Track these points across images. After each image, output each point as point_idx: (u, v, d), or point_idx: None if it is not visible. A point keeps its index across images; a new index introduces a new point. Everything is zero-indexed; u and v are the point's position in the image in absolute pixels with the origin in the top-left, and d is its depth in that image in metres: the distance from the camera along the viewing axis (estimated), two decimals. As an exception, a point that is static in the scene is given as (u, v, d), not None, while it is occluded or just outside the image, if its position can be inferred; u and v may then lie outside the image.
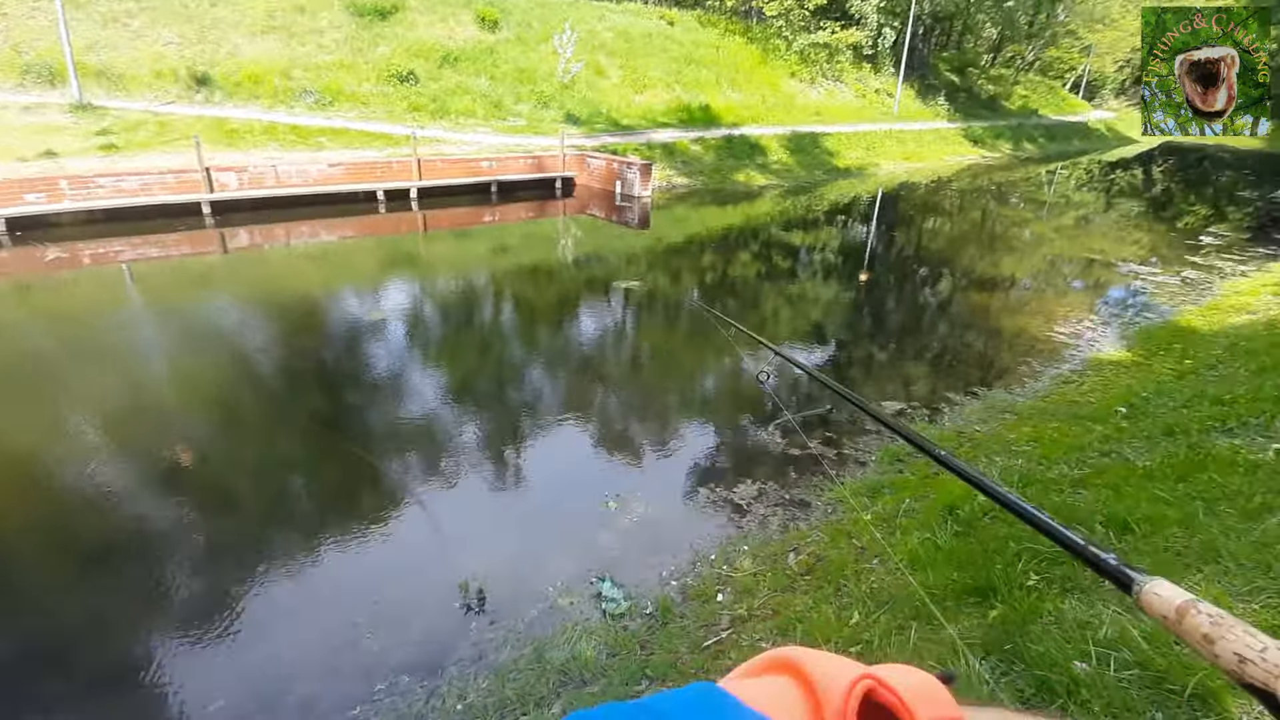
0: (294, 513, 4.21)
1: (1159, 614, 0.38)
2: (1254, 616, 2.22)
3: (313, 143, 14.04)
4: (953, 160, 25.50)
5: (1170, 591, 0.38)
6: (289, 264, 9.94)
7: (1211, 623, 0.34)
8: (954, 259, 11.98)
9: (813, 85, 25.68)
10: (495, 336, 7.32)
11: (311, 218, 11.95)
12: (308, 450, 4.87)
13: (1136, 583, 0.40)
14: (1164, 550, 2.70)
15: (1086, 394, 5.63)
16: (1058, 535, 0.44)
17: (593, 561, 3.66)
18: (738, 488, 4.40)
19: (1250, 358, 5.42)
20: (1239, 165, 28.33)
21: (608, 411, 5.58)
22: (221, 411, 5.44)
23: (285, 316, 7.33)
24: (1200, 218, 16.16)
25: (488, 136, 16.25)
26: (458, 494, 4.33)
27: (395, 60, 17.38)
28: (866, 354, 7.28)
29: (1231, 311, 7.59)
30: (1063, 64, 42.07)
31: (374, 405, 5.58)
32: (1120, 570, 0.40)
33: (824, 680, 0.34)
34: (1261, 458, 3.39)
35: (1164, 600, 0.38)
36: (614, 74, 20.61)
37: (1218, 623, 0.34)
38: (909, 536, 3.35)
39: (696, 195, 16.21)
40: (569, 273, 10.17)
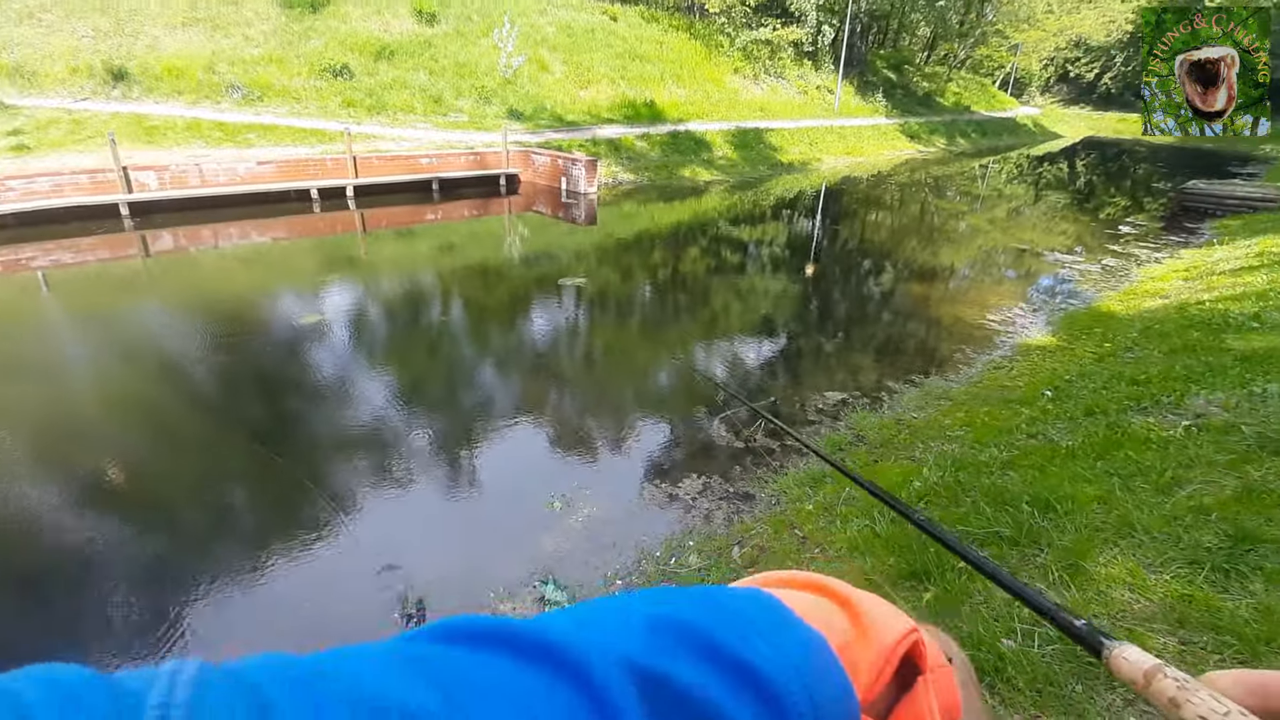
0: (217, 529, 3.99)
1: (1127, 678, 0.38)
2: (1165, 586, 2.33)
3: (240, 140, 13.42)
4: (891, 155, 26.25)
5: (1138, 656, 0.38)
6: (218, 267, 9.47)
7: (1178, 687, 0.34)
8: (895, 251, 12.32)
9: (756, 82, 26.01)
10: (436, 338, 7.13)
11: (241, 218, 11.42)
12: (233, 462, 4.64)
13: (1106, 647, 0.40)
14: (1084, 527, 2.81)
15: (1016, 378, 5.85)
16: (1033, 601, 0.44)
17: (537, 564, 3.59)
18: (683, 483, 4.40)
19: (1162, 340, 5.73)
20: (1153, 159, 30.09)
21: (551, 411, 5.50)
22: (142, 425, 5.13)
23: (213, 322, 6.97)
24: (1119, 208, 17.07)
25: (428, 132, 15.85)
26: (396, 502, 4.19)
27: (328, 54, 16.77)
28: (814, 346, 7.39)
29: (1146, 296, 8.03)
30: (992, 62, 43.78)
31: (306, 413, 5.36)
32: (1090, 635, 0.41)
33: (875, 618, 0.36)
34: (1172, 434, 3.58)
35: (1132, 665, 0.38)
36: (557, 69, 20.40)
37: (1183, 687, 0.34)
38: (848, 525, 3.40)
39: (643, 191, 16.20)
40: (514, 271, 10.01)
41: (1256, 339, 5.09)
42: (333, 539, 3.79)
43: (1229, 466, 3.10)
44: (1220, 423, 3.59)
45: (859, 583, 1.72)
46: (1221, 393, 3.99)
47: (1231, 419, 3.60)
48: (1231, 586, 2.25)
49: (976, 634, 2.22)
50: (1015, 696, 1.95)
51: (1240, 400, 3.82)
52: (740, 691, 0.30)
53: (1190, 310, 6.59)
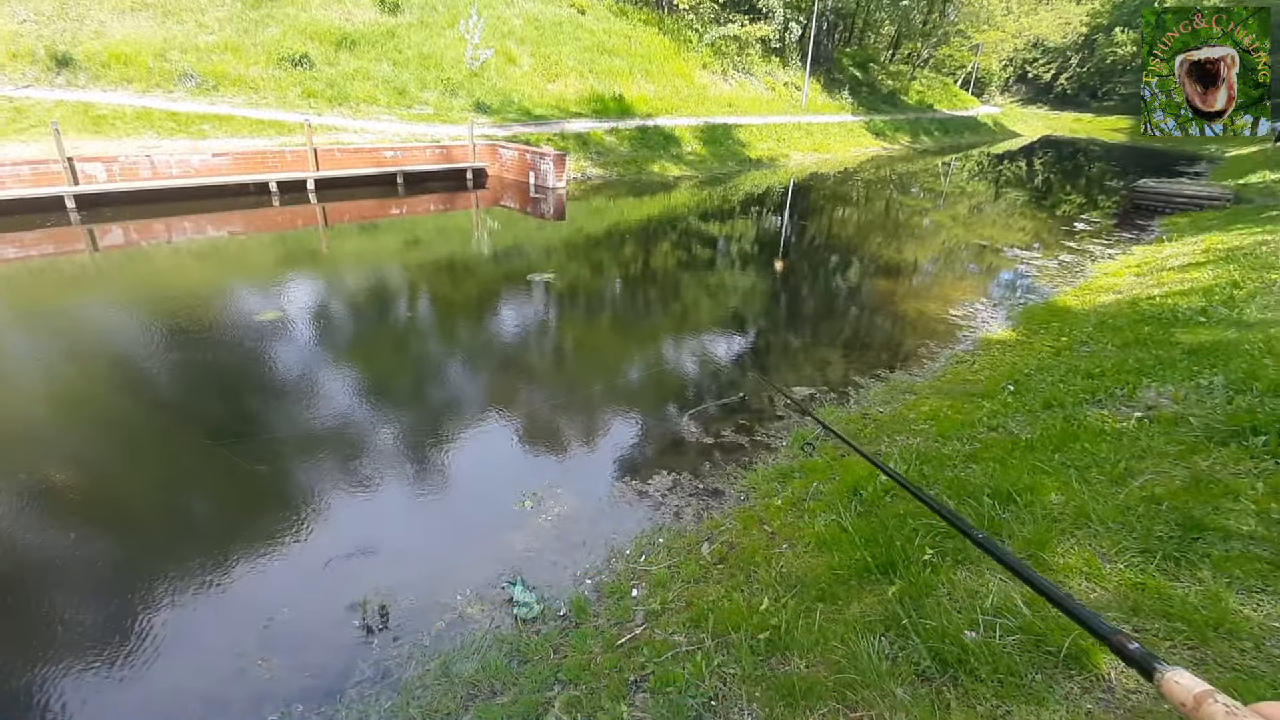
0: (174, 533, 3.84)
1: (1178, 700, 0.38)
2: (1120, 575, 2.40)
3: (194, 131, 12.95)
4: (857, 151, 26.61)
5: (1189, 681, 0.39)
6: (171, 262, 9.13)
7: (1227, 713, 0.35)
8: (862, 247, 12.49)
9: (725, 77, 26.08)
10: (402, 335, 6.99)
11: (196, 212, 11.03)
12: (189, 463, 4.47)
13: (1158, 671, 0.40)
14: (1043, 518, 2.87)
15: (978, 372, 5.98)
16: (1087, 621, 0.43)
17: (505, 565, 3.55)
18: (653, 480, 4.39)
19: (1116, 334, 5.91)
20: (1107, 158, 31.07)
21: (520, 409, 5.43)
22: (92, 425, 4.91)
23: (166, 319, 6.71)
24: (1075, 205, 17.60)
25: (392, 125, 15.52)
26: (360, 502, 4.09)
27: (287, 42, 16.27)
28: (782, 341, 7.45)
29: (1101, 291, 8.29)
30: (954, 61, 44.70)
31: (265, 412, 5.20)
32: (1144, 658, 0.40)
33: None
34: (1125, 426, 3.69)
35: (1183, 688, 0.38)
36: (525, 62, 20.15)
37: (1232, 713, 0.35)
38: (816, 519, 3.43)
39: (612, 186, 16.13)
40: (482, 266, 9.87)
41: (1203, 333, 5.28)
42: (292, 540, 3.69)
43: (1178, 457, 3.20)
44: (1170, 414, 3.72)
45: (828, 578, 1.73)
46: (1171, 385, 4.13)
47: (1180, 410, 3.73)
48: (1182, 574, 2.32)
49: (940, 626, 2.25)
50: (978, 688, 1.98)
51: (1188, 392, 3.96)
52: None
53: (1142, 305, 6.81)
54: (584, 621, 3.10)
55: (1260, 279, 6.74)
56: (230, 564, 3.51)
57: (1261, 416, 3.31)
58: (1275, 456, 3.00)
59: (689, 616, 2.90)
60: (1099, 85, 55.76)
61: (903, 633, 2.35)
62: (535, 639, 2.99)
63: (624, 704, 2.44)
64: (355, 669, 2.88)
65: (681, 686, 2.43)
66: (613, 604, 3.20)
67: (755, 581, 3.06)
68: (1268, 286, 6.43)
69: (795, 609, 2.70)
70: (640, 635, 2.90)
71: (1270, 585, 2.20)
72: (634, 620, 3.03)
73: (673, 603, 3.11)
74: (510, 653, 2.91)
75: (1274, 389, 3.69)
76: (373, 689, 2.78)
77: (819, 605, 2.71)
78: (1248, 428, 3.25)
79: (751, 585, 3.04)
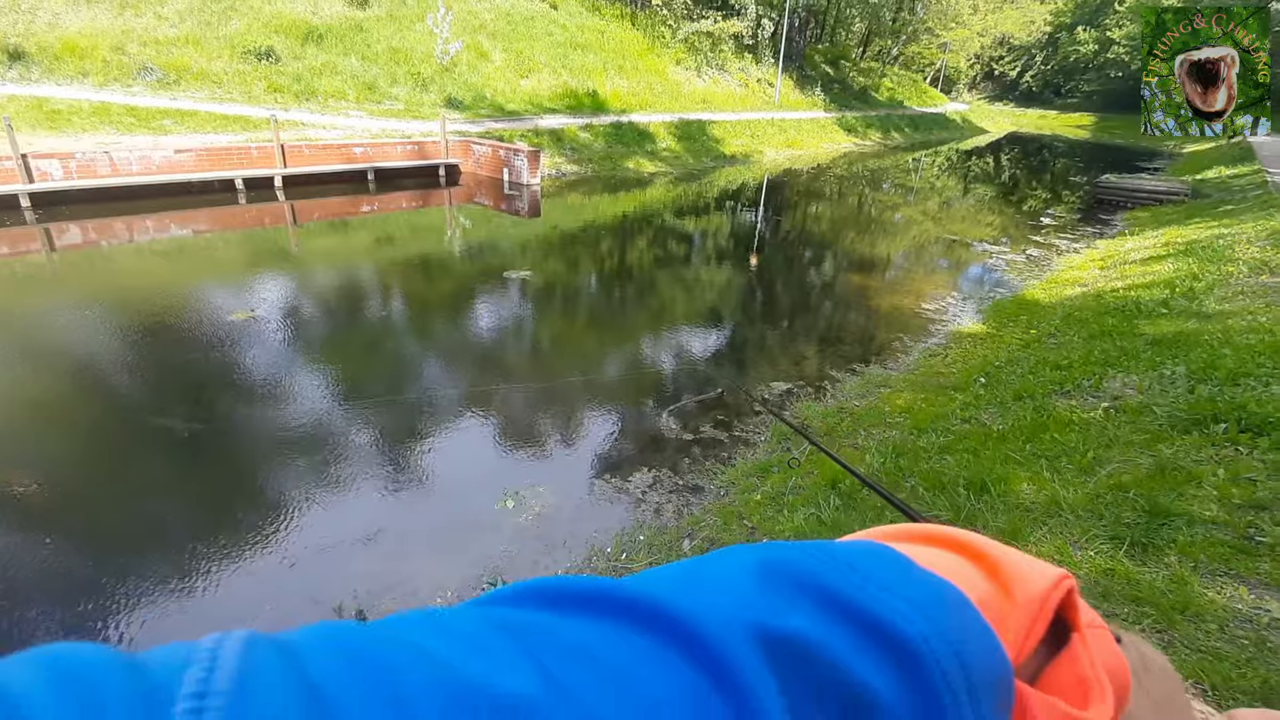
0: (137, 539, 3.73)
1: None
2: (1090, 562, 2.46)
3: (156, 126, 12.58)
4: (830, 148, 26.87)
5: None
6: (133, 262, 8.86)
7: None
8: (836, 242, 12.62)
9: (698, 74, 26.12)
10: (377, 334, 6.88)
11: (158, 210, 10.72)
12: (154, 467, 4.35)
13: None
14: (1016, 507, 2.94)
15: (950, 365, 6.08)
16: None
17: (485, 566, 3.52)
18: (633, 477, 4.39)
19: (1082, 326, 6.06)
20: (1071, 154, 31.82)
21: (498, 409, 5.39)
22: (49, 429, 4.75)
23: (129, 320, 6.52)
24: (1041, 201, 17.99)
25: (361, 120, 15.25)
26: (335, 506, 4.02)
27: (251, 36, 15.89)
28: (759, 336, 7.50)
29: (1067, 285, 8.49)
30: (923, 59, 45.36)
31: (236, 414, 5.08)
32: None
33: (1019, 570, 0.31)
34: (1092, 416, 3.78)
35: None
36: (497, 57, 19.95)
37: None
38: (795, 514, 3.46)
39: (587, 183, 16.06)
40: (458, 264, 9.76)
41: (1165, 324, 5.44)
42: (266, 545, 3.61)
43: (1144, 445, 3.30)
44: (1135, 404, 3.82)
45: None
46: (1136, 375, 4.25)
47: (1145, 400, 3.84)
48: (1149, 559, 2.39)
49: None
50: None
51: (1152, 382, 4.07)
52: (872, 651, 0.25)
53: (1106, 298, 6.99)
54: (566, 621, 3.08)
55: (1218, 271, 6.96)
56: (199, 571, 3.42)
57: (1221, 405, 3.42)
58: (1235, 443, 3.11)
59: (671, 613, 2.91)
60: (1062, 83, 57.07)
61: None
62: (517, 640, 2.97)
63: (608, 703, 2.43)
64: (333, 675, 2.83)
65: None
66: (594, 602, 3.19)
67: (736, 576, 3.08)
68: (1225, 279, 6.64)
69: (776, 603, 2.72)
70: (623, 633, 2.89)
71: (1233, 568, 2.28)
72: (616, 618, 3.03)
73: (655, 600, 3.11)
74: (492, 654, 2.89)
75: (1232, 378, 3.82)
76: (351, 695, 2.73)
77: (800, 599, 2.73)
78: (1208, 416, 3.36)
79: (733, 580, 3.06)
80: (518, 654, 0.21)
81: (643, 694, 0.22)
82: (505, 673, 0.20)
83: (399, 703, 0.18)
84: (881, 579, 0.28)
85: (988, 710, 0.26)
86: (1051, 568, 0.32)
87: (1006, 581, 0.31)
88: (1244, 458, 2.98)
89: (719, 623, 0.24)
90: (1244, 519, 2.54)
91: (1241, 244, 8.13)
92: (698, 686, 0.22)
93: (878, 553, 0.30)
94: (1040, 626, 0.30)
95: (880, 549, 0.31)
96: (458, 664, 0.20)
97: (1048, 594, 0.30)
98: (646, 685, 0.22)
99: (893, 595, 0.27)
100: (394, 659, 0.20)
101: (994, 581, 0.31)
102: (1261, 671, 1.84)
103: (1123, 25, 46.93)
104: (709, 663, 0.23)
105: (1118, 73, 48.58)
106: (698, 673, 0.23)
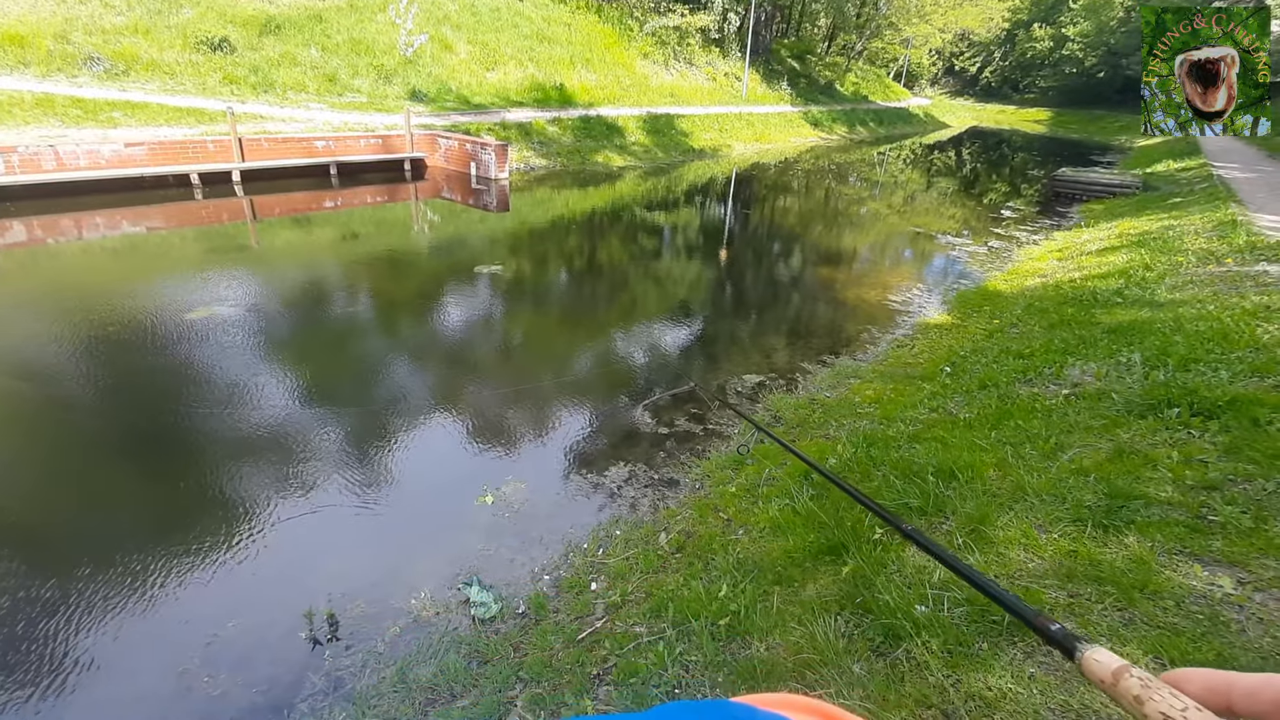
0: (100, 549, 3.60)
1: (1097, 677, 0.41)
2: (1055, 544, 2.53)
3: (104, 119, 12.07)
4: (797, 142, 27.12)
5: (1107, 658, 0.41)
6: (83, 260, 8.51)
7: (1142, 685, 0.38)
8: (804, 235, 12.75)
9: (666, 67, 26.08)
10: (342, 331, 6.73)
11: (109, 206, 10.31)
12: (114, 473, 4.20)
13: (1079, 649, 0.43)
14: (983, 493, 3.01)
15: (918, 355, 6.21)
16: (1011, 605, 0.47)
17: (460, 565, 3.48)
18: (608, 472, 4.38)
19: (1042, 316, 6.24)
20: (1029, 148, 32.66)
21: (470, 407, 5.32)
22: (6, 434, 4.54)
23: (80, 320, 6.26)
24: (1001, 194, 18.44)
25: (322, 113, 14.87)
26: (306, 510, 3.92)
27: (204, 25, 15.34)
28: (730, 329, 7.55)
29: (1027, 275, 8.72)
30: (887, 54, 46.02)
31: (201, 416, 4.92)
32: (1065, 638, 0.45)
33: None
34: (1054, 403, 3.90)
35: (1102, 665, 0.41)
36: (462, 49, 19.63)
37: (1147, 685, 0.38)
38: (770, 504, 3.50)
39: (556, 177, 15.94)
40: (425, 260, 9.60)
41: (1121, 313, 5.63)
42: (235, 550, 3.51)
43: (1103, 430, 3.41)
44: (1094, 390, 3.95)
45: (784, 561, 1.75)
46: (1094, 363, 4.39)
47: (1103, 386, 3.97)
48: (1110, 541, 2.47)
49: (892, 602, 2.33)
50: (929, 659, 2.07)
51: (1109, 369, 4.21)
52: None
53: (1065, 288, 7.20)
54: (544, 618, 3.07)
55: (1169, 261, 7.22)
56: (167, 579, 3.31)
57: (1174, 390, 3.55)
58: (1187, 427, 3.23)
59: (649, 607, 2.92)
60: (1020, 79, 58.44)
61: (857, 611, 2.43)
62: (495, 639, 2.95)
63: (588, 698, 2.43)
64: (307, 681, 2.78)
65: (644, 677, 2.44)
66: (572, 599, 3.19)
67: (713, 569, 3.10)
68: (1175, 268, 6.90)
69: (753, 594, 2.75)
70: (601, 628, 2.89)
71: (1188, 547, 2.37)
72: (594, 614, 3.03)
73: (632, 594, 3.12)
74: (469, 654, 2.86)
75: (1183, 364, 3.97)
76: (325, 701, 2.69)
77: (776, 589, 2.76)
78: (1162, 401, 3.49)
79: (710, 572, 3.08)
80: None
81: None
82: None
83: None
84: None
85: None
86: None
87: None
88: (1196, 440, 3.10)
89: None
90: (1197, 499, 2.64)
91: (1190, 235, 8.45)
92: None
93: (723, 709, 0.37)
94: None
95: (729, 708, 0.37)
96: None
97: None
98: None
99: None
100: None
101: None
102: (1216, 644, 1.93)
103: (1076, 23, 48.30)
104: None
105: (1072, 69, 49.97)
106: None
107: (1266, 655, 1.90)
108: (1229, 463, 2.85)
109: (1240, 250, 7.09)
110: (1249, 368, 3.75)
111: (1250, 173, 14.88)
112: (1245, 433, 3.05)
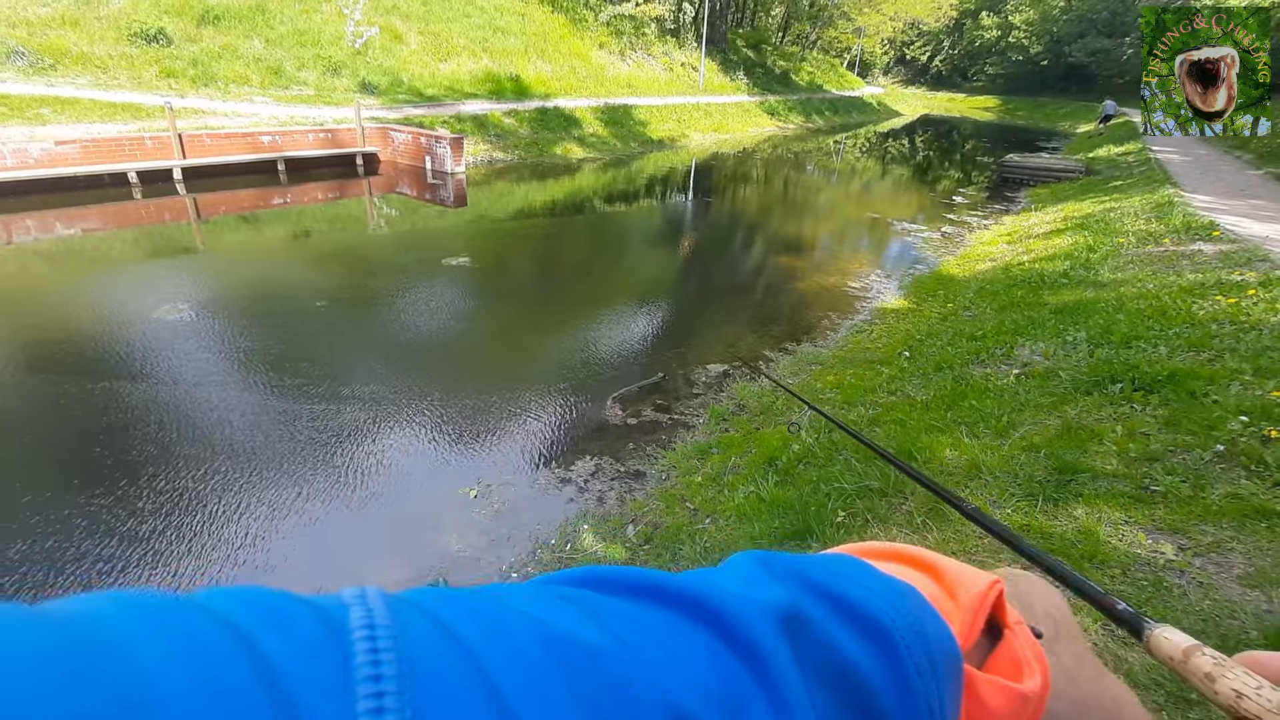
0: (67, 557, 3.43)
1: (1166, 655, 0.42)
2: (1008, 519, 2.61)
3: (31, 116, 11.44)
4: (755, 131, 27.30)
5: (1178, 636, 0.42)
6: (14, 264, 8.07)
7: (1214, 663, 0.38)
8: (764, 224, 12.86)
9: (623, 58, 25.93)
10: (298, 332, 6.53)
11: (40, 208, 9.79)
12: (81, 480, 4.00)
13: (1147, 628, 0.43)
14: (940, 472, 3.09)
15: (876, 340, 6.33)
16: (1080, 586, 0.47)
17: (425, 567, 3.42)
18: (575, 466, 4.36)
19: (993, 298, 6.42)
20: (978, 135, 33.52)
21: (431, 405, 5.23)
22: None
23: (18, 328, 5.94)
24: (953, 180, 18.89)
25: (268, 107, 14.37)
26: (247, 516, 3.81)
27: (138, 16, 14.64)
28: (693, 319, 7.57)
29: (979, 260, 8.97)
30: (840, 44, 46.61)
31: (158, 422, 4.72)
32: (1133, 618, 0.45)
33: (960, 575, 0.37)
34: (1005, 383, 4.02)
35: (1172, 644, 0.42)
36: (413, 39, 19.16)
37: (1219, 664, 0.38)
38: (736, 493, 3.53)
39: (514, 170, 15.73)
40: (380, 256, 9.38)
41: (1067, 294, 5.83)
42: (202, 553, 3.39)
43: (1051, 408, 3.53)
44: (1043, 369, 4.09)
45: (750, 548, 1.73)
46: (1042, 343, 4.54)
47: (1051, 365, 4.11)
48: (1060, 513, 2.56)
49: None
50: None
51: (1057, 348, 4.36)
52: (852, 629, 0.30)
53: (1014, 271, 7.43)
54: (512, 616, 3.04)
55: (1110, 243, 7.51)
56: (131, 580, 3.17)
57: (1117, 366, 3.70)
58: (1130, 401, 3.37)
59: (618, 600, 2.92)
60: (968, 67, 59.90)
61: (822, 593, 2.47)
62: (463, 640, 2.91)
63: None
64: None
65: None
66: (541, 595, 3.17)
67: (680, 559, 3.12)
68: (1117, 250, 7.17)
69: (721, 581, 2.77)
70: (571, 624, 2.88)
71: (1132, 517, 2.47)
72: (563, 609, 3.01)
73: (601, 588, 3.12)
74: (437, 657, 2.82)
75: (1125, 341, 4.13)
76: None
77: (743, 575, 2.79)
78: (1107, 377, 3.63)
79: (677, 563, 3.10)
80: (584, 616, 0.25)
81: (693, 671, 0.25)
82: (583, 628, 0.24)
83: (513, 650, 0.21)
84: (851, 575, 0.33)
85: (945, 685, 0.30)
86: (985, 574, 0.38)
87: (951, 585, 0.37)
88: (1138, 414, 3.24)
89: (754, 617, 0.27)
90: (1140, 470, 2.76)
91: (1130, 217, 8.79)
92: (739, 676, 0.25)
93: (844, 558, 0.36)
94: (980, 620, 0.35)
95: (845, 557, 0.37)
96: (547, 620, 0.23)
97: (985, 594, 0.36)
98: (696, 664, 0.25)
99: (862, 587, 0.32)
100: (495, 611, 0.23)
101: (940, 585, 0.37)
102: (1160, 609, 2.01)
103: (1021, 11, 49.67)
104: (728, 635, 0.26)
105: (1018, 56, 51.43)
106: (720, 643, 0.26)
107: (1207, 617, 2.00)
108: (1169, 434, 2.98)
109: (1177, 230, 7.41)
110: (1186, 343, 3.92)
111: (1186, 156, 15.55)
112: (1183, 405, 3.20)
